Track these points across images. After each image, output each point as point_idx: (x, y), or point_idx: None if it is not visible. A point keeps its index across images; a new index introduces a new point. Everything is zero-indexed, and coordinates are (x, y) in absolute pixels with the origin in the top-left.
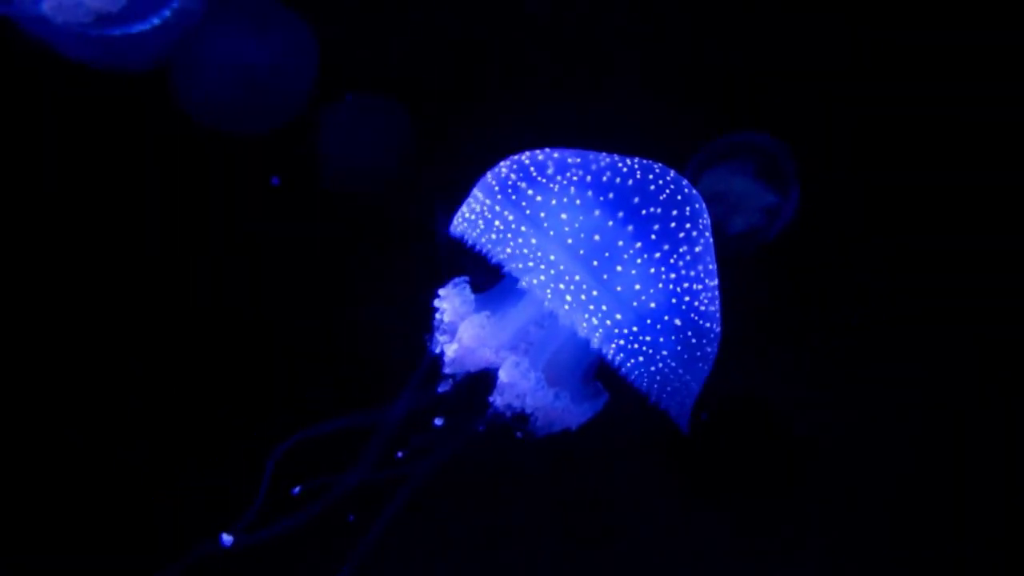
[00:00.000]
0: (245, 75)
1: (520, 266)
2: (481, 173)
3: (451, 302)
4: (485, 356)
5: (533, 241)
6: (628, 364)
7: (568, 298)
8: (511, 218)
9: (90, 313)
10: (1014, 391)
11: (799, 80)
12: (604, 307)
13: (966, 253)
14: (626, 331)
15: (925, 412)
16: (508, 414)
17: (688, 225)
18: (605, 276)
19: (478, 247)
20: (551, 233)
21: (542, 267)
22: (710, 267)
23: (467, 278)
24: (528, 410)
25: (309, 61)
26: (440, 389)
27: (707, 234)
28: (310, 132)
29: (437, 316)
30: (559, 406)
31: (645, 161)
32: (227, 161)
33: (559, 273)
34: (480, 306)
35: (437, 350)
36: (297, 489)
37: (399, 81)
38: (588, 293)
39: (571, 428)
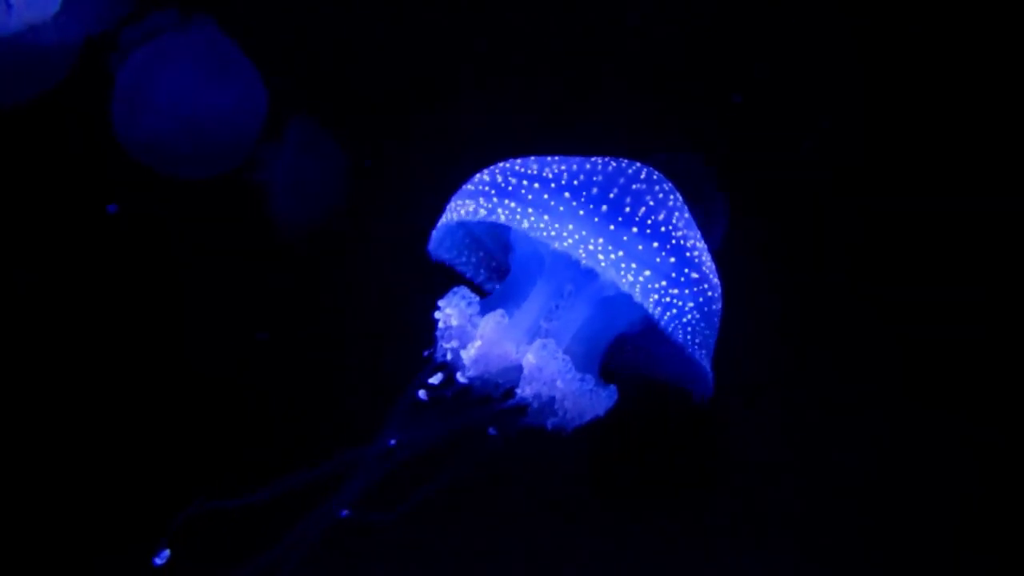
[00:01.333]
0: (190, 125)
1: (548, 233)
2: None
3: (456, 308)
4: (507, 350)
5: (547, 212)
6: (666, 318)
7: (601, 257)
8: (513, 205)
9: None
10: (963, 392)
11: (773, 91)
12: (634, 264)
13: (926, 257)
14: (657, 285)
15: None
16: (536, 404)
17: (672, 196)
18: (625, 238)
19: (491, 220)
20: (561, 208)
21: (569, 227)
22: (698, 232)
23: (464, 287)
24: (558, 396)
25: (257, 115)
26: (451, 392)
27: (685, 204)
28: (254, 171)
29: (441, 325)
30: (587, 389)
31: (603, 157)
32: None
33: (584, 237)
34: (484, 311)
35: (447, 356)
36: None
37: (359, 99)
38: (616, 252)
39: (599, 415)
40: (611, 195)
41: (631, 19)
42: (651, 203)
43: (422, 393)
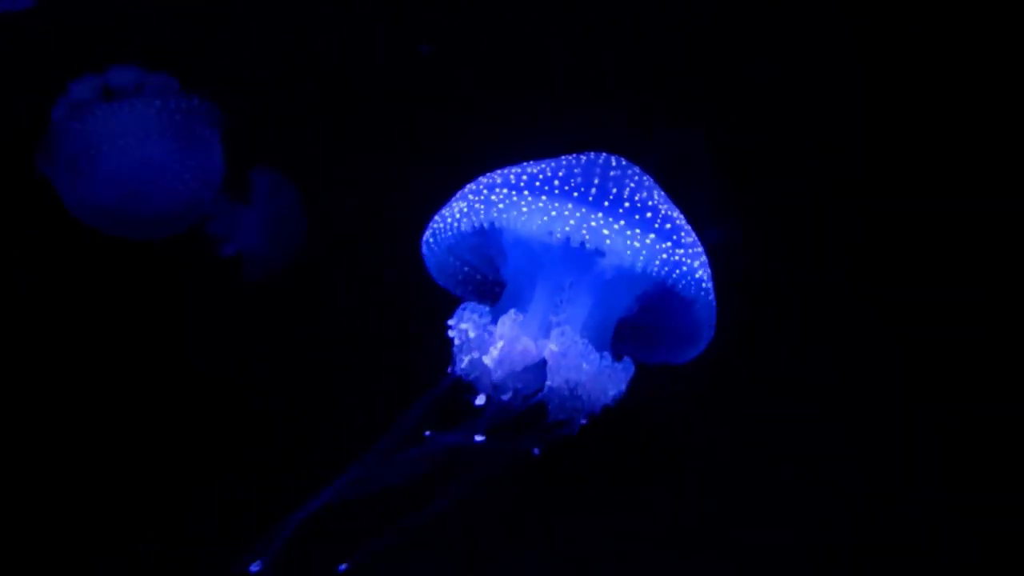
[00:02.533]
0: (134, 199)
1: (545, 224)
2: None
3: (468, 320)
4: (528, 346)
5: (544, 198)
6: (674, 277)
7: (605, 233)
8: (508, 192)
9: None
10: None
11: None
12: (638, 230)
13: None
14: (658, 247)
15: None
16: (566, 390)
17: (646, 178)
18: (621, 209)
19: (487, 224)
20: (556, 192)
21: (566, 214)
22: (676, 208)
23: (470, 303)
24: (584, 380)
25: (211, 185)
26: (505, 398)
27: (656, 183)
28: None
29: (457, 340)
30: (606, 367)
31: (567, 155)
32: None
33: (583, 217)
34: (493, 319)
35: (464, 366)
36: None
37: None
38: (616, 224)
39: (622, 391)
40: (595, 182)
41: (631, 19)
42: (632, 185)
43: (468, 404)
